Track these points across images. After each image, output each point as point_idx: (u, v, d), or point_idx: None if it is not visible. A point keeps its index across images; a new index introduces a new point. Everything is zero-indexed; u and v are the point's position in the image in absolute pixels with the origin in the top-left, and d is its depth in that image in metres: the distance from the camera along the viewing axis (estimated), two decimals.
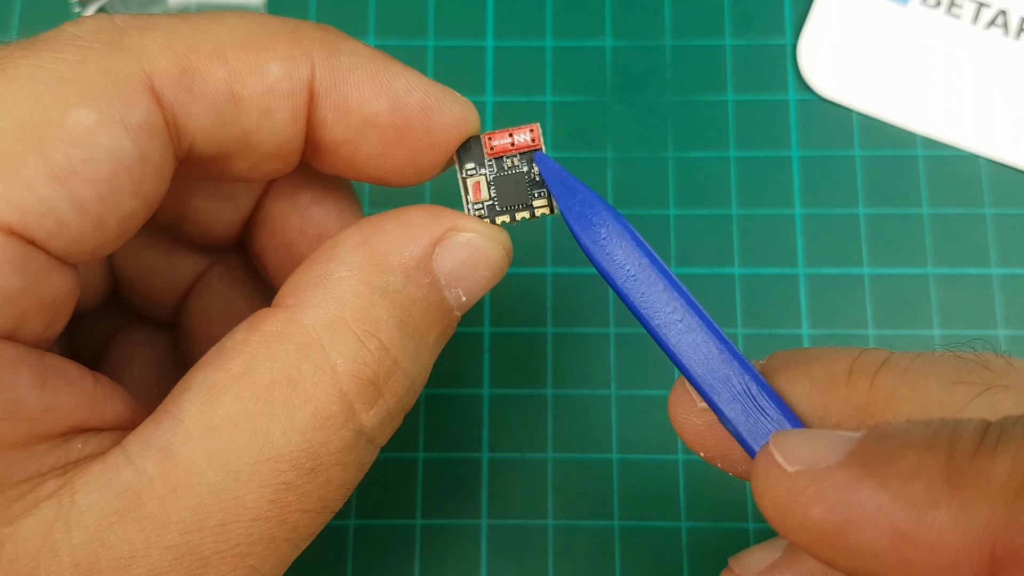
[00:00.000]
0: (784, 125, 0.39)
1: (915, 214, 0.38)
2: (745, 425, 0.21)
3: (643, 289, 0.23)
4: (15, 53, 0.21)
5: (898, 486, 0.16)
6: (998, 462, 0.15)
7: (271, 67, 0.22)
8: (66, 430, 0.21)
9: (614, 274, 0.23)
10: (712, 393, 0.22)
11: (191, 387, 0.21)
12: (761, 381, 0.22)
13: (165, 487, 0.20)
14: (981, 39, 0.40)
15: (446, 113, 0.24)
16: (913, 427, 0.17)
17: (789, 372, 0.22)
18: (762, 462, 0.18)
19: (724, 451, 0.23)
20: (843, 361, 0.21)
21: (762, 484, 0.18)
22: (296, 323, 0.22)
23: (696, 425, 0.23)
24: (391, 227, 0.23)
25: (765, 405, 0.21)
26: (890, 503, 0.16)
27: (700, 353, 0.22)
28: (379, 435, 0.23)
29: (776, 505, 0.17)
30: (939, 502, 0.15)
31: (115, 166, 0.20)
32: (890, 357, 0.21)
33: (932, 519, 0.15)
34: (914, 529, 0.16)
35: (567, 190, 0.24)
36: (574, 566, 0.35)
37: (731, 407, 0.21)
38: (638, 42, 0.40)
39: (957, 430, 0.16)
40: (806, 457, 0.17)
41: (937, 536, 0.15)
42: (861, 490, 0.16)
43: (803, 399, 0.21)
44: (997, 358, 0.20)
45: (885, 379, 0.20)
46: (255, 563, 0.21)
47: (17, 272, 0.20)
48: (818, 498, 0.17)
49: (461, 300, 0.24)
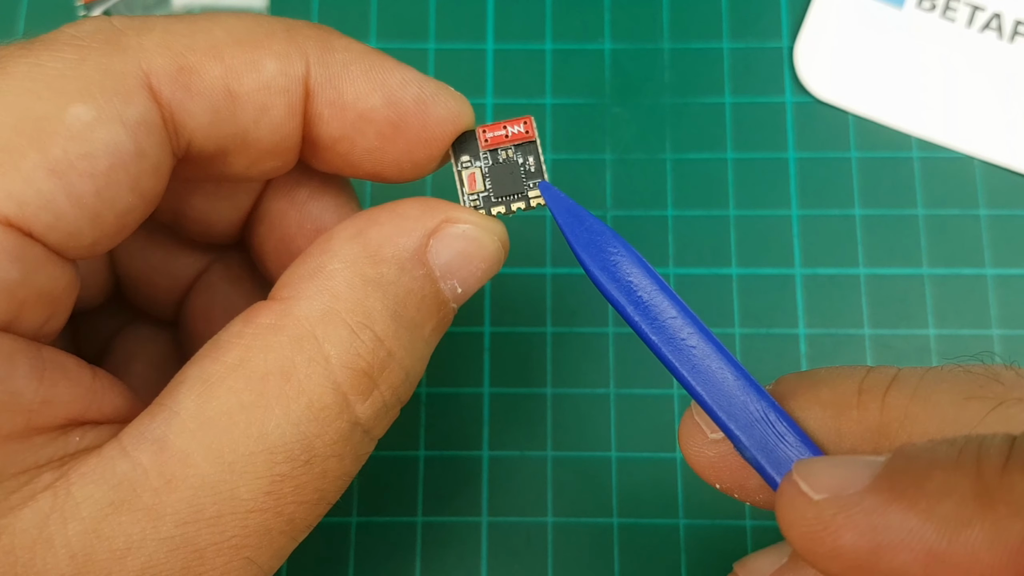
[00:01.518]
0: (781, 127, 0.39)
1: (910, 215, 0.38)
2: (764, 453, 0.21)
3: (655, 316, 0.22)
4: (14, 52, 0.21)
5: (928, 507, 0.16)
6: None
7: (267, 64, 0.22)
8: (64, 423, 0.21)
9: (625, 303, 0.22)
10: (729, 421, 0.21)
11: (186, 380, 0.21)
12: (778, 408, 0.21)
13: (160, 479, 0.20)
14: (976, 42, 0.39)
15: (441, 107, 0.24)
16: (938, 447, 0.17)
17: (799, 398, 0.21)
18: (787, 492, 0.18)
19: (740, 481, 0.22)
20: (851, 382, 0.21)
21: (788, 515, 0.18)
22: (290, 315, 0.22)
23: (709, 457, 0.22)
24: (385, 219, 0.23)
25: (784, 432, 0.21)
26: (922, 525, 0.16)
27: (715, 381, 0.21)
28: (375, 427, 0.23)
29: (804, 535, 0.17)
30: (971, 520, 0.15)
31: (112, 161, 0.20)
32: (899, 374, 0.20)
33: (965, 538, 0.15)
34: (948, 550, 0.15)
35: (574, 219, 0.23)
36: (573, 563, 0.35)
37: (749, 435, 0.21)
38: (637, 45, 0.40)
39: (983, 447, 0.16)
40: (832, 484, 0.17)
41: (971, 555, 0.15)
42: (891, 514, 0.16)
43: (816, 424, 0.21)
44: (1007, 370, 0.19)
45: (896, 398, 0.20)
46: (251, 555, 0.21)
47: (15, 263, 0.20)
48: (848, 525, 0.16)
49: (457, 292, 0.24)
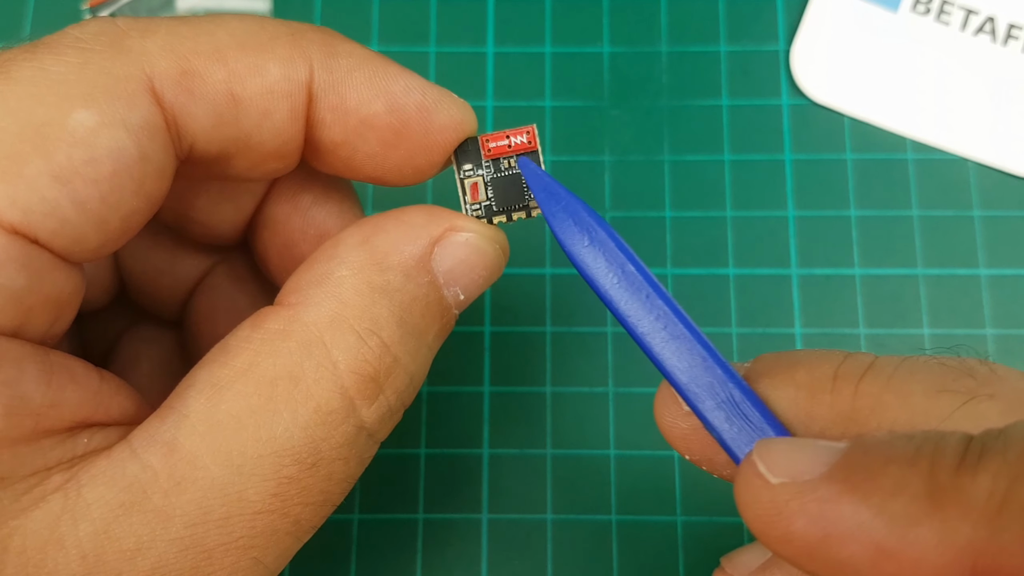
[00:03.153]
0: (777, 129, 0.39)
1: (905, 216, 0.38)
2: (729, 432, 0.21)
3: (627, 296, 0.22)
4: (18, 56, 0.21)
5: (880, 502, 0.16)
6: (979, 480, 0.15)
7: (270, 69, 0.22)
8: (72, 425, 0.21)
9: (599, 281, 0.22)
10: (696, 400, 0.21)
11: (195, 383, 0.21)
12: (745, 388, 0.21)
13: (170, 481, 0.20)
14: (970, 45, 0.39)
15: (443, 114, 0.24)
16: (896, 440, 0.17)
17: (774, 377, 0.21)
18: (745, 472, 0.18)
19: (709, 455, 0.22)
20: (828, 366, 0.20)
21: (745, 496, 0.18)
22: (298, 321, 0.22)
23: (682, 428, 0.22)
24: (391, 227, 0.23)
25: (749, 412, 0.21)
26: (872, 519, 0.16)
27: (684, 360, 0.21)
28: (379, 430, 0.23)
29: (758, 517, 0.17)
30: (921, 519, 0.15)
31: (116, 166, 0.20)
32: (875, 362, 0.20)
33: (914, 536, 0.15)
34: (896, 546, 0.15)
35: (551, 196, 0.23)
36: (573, 559, 0.35)
37: (715, 414, 0.21)
38: (635, 48, 0.40)
39: (939, 445, 0.16)
40: (789, 468, 0.17)
41: (919, 553, 0.15)
42: (843, 505, 0.16)
43: (787, 405, 0.21)
44: (981, 365, 0.19)
45: (870, 386, 0.20)
46: (258, 555, 0.21)
47: (21, 271, 0.20)
48: (800, 511, 0.16)
49: (459, 298, 0.24)
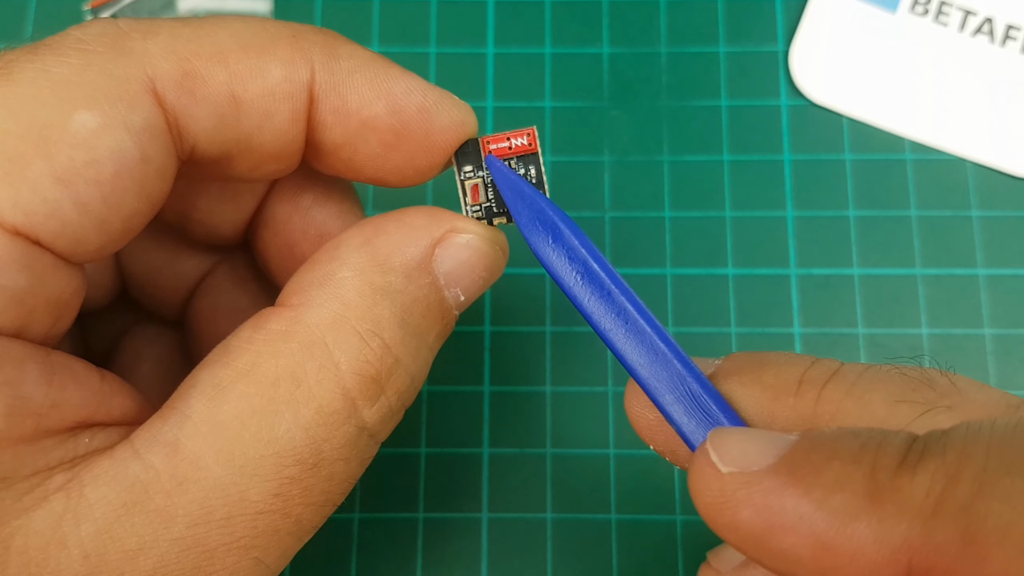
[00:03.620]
0: (776, 130, 0.39)
1: (903, 216, 0.38)
2: (688, 426, 0.21)
3: (589, 292, 0.22)
4: (20, 57, 0.20)
5: (822, 496, 0.16)
6: (917, 480, 0.15)
7: (272, 70, 0.22)
8: (73, 425, 0.21)
9: (562, 277, 0.23)
10: (656, 394, 0.22)
11: (198, 384, 0.21)
12: (704, 382, 0.21)
13: (172, 481, 0.20)
14: (968, 46, 0.39)
15: (444, 116, 0.24)
16: (843, 436, 0.17)
17: (741, 376, 0.22)
18: (698, 460, 0.18)
19: (672, 447, 0.23)
20: (795, 370, 0.21)
21: (697, 483, 0.18)
22: (300, 322, 0.22)
23: (648, 419, 0.23)
24: (392, 228, 0.23)
25: (707, 406, 0.21)
26: (813, 512, 0.16)
27: (645, 356, 0.22)
28: (380, 431, 0.23)
29: (708, 504, 0.18)
30: (859, 515, 0.16)
31: (118, 168, 0.20)
32: (840, 369, 0.20)
33: (852, 531, 0.16)
34: (834, 539, 0.16)
35: (516, 194, 0.24)
36: (572, 558, 0.35)
37: (674, 407, 0.21)
38: (634, 49, 0.40)
39: (883, 444, 0.16)
40: (739, 458, 0.17)
41: (856, 548, 0.15)
42: (787, 497, 0.16)
43: (752, 404, 0.21)
44: (941, 376, 0.20)
45: (832, 392, 0.20)
46: (260, 555, 0.21)
47: (23, 272, 0.20)
48: (747, 501, 0.17)
49: (460, 299, 0.24)
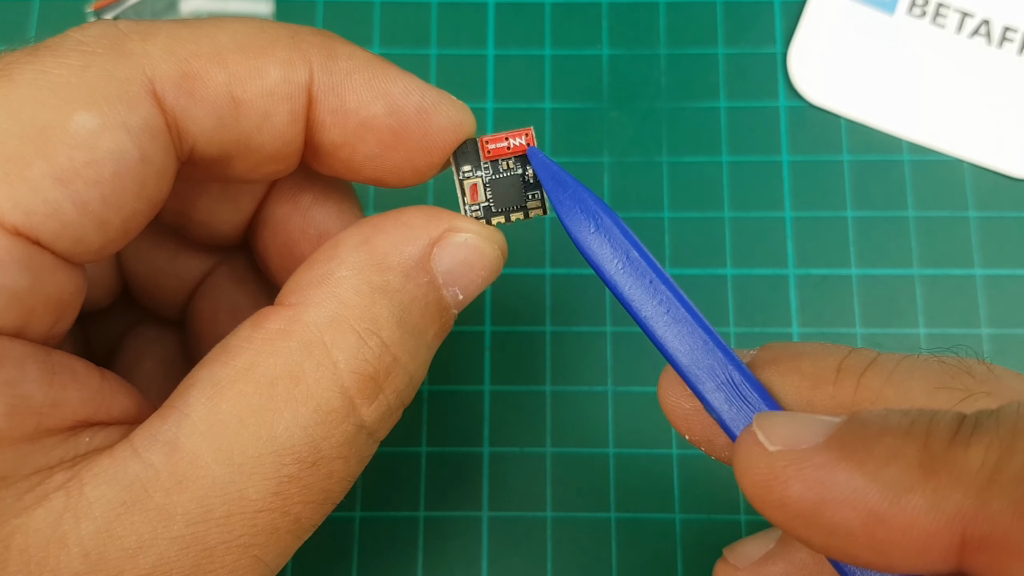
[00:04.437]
0: (775, 131, 0.39)
1: (901, 217, 0.38)
2: (728, 413, 0.21)
3: (631, 281, 0.22)
4: (21, 59, 0.20)
5: (875, 469, 0.16)
6: (972, 452, 0.15)
7: (270, 71, 0.22)
8: (73, 424, 0.21)
9: (604, 266, 0.23)
10: (697, 382, 0.22)
11: (197, 383, 0.21)
12: (745, 371, 0.21)
13: (171, 480, 0.20)
14: (965, 48, 0.39)
15: (442, 116, 0.24)
16: (892, 415, 0.17)
17: (779, 365, 0.22)
18: (745, 441, 0.18)
19: (709, 436, 0.23)
20: (832, 359, 0.21)
21: (743, 462, 0.18)
22: (299, 321, 0.22)
23: (684, 409, 0.23)
24: (391, 227, 0.23)
25: (748, 394, 0.21)
26: (866, 485, 0.16)
27: (685, 343, 0.22)
28: (379, 429, 0.23)
29: (756, 482, 0.17)
30: (913, 487, 0.15)
31: (118, 168, 0.20)
32: (877, 358, 0.20)
33: (906, 502, 0.15)
34: (888, 511, 0.16)
35: (558, 184, 0.24)
36: (572, 556, 0.35)
37: (715, 396, 0.21)
38: (634, 51, 0.40)
39: (934, 420, 0.16)
40: (787, 438, 0.17)
41: (910, 519, 0.15)
42: (839, 471, 0.16)
43: (790, 392, 0.21)
44: (979, 364, 0.20)
45: (871, 380, 0.20)
46: (259, 553, 0.21)
47: (23, 272, 0.20)
48: (797, 477, 0.17)
49: (458, 298, 0.24)
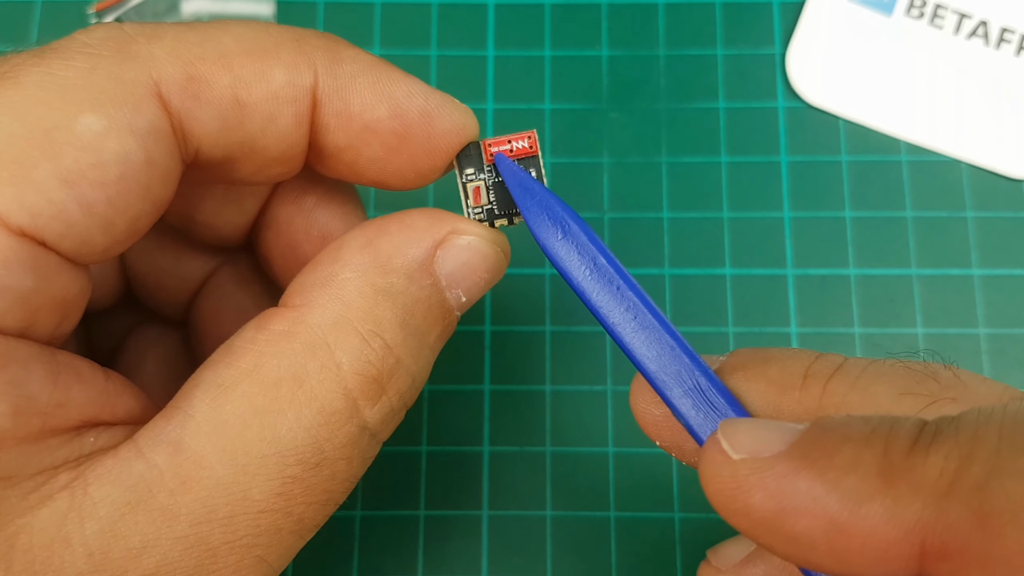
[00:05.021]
0: (773, 131, 0.39)
1: (899, 217, 0.38)
2: (695, 419, 0.21)
3: (598, 288, 0.22)
4: (27, 61, 0.20)
5: (835, 478, 0.16)
6: (930, 461, 0.15)
7: (275, 74, 0.22)
8: (78, 424, 0.21)
9: (571, 273, 0.23)
10: (664, 388, 0.22)
11: (201, 384, 0.21)
12: (712, 377, 0.21)
13: (175, 480, 0.20)
14: (963, 49, 0.39)
15: (446, 119, 0.24)
16: (853, 422, 0.17)
17: (747, 371, 0.22)
18: (709, 449, 0.18)
19: (679, 442, 0.23)
20: (799, 364, 0.21)
21: (708, 470, 0.18)
22: (303, 323, 0.22)
23: (654, 415, 0.23)
24: (394, 230, 0.23)
25: (715, 400, 0.21)
26: (826, 494, 0.16)
27: (653, 349, 0.22)
28: (382, 431, 0.23)
29: (720, 490, 0.18)
30: (873, 496, 0.16)
31: (123, 170, 0.20)
32: (844, 364, 0.20)
33: (866, 511, 0.15)
34: (848, 520, 0.16)
35: (525, 191, 0.24)
36: (571, 555, 0.35)
37: (682, 401, 0.21)
38: (633, 52, 0.40)
39: (894, 428, 0.16)
40: (751, 446, 0.17)
41: (870, 528, 0.15)
42: (800, 480, 0.16)
43: (757, 398, 0.21)
44: (945, 370, 0.20)
45: (837, 385, 0.20)
46: (262, 553, 0.21)
47: (29, 272, 0.20)
48: (759, 486, 0.17)
49: (461, 300, 0.24)
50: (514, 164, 0.24)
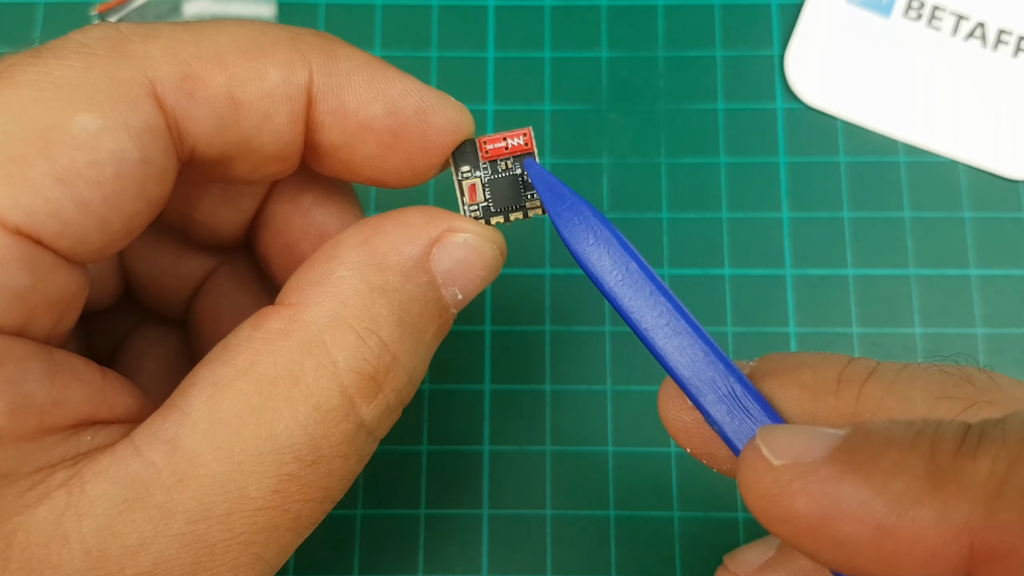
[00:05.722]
0: (772, 132, 0.39)
1: (897, 217, 0.38)
2: (730, 426, 0.21)
3: (631, 293, 0.22)
4: (23, 60, 0.20)
5: (881, 482, 0.16)
6: (979, 463, 0.15)
7: (270, 73, 0.22)
8: (75, 423, 0.21)
9: (603, 279, 0.22)
10: (698, 395, 0.21)
11: (197, 382, 0.21)
12: (746, 383, 0.21)
13: (172, 478, 0.20)
14: (960, 50, 0.39)
15: (441, 117, 0.24)
16: (897, 426, 0.17)
17: (779, 377, 0.21)
18: (749, 455, 0.18)
19: (711, 449, 0.22)
20: (832, 369, 0.21)
21: (748, 476, 0.18)
22: (299, 321, 0.22)
23: (685, 422, 0.22)
24: (390, 228, 0.23)
25: (750, 406, 0.21)
26: (873, 498, 0.16)
27: (686, 356, 0.21)
28: (378, 428, 0.23)
29: (761, 497, 0.17)
30: (921, 499, 0.15)
31: (119, 169, 0.20)
32: (878, 368, 0.20)
33: (913, 515, 0.15)
34: (895, 524, 0.15)
35: (556, 196, 0.23)
36: (571, 554, 0.35)
37: (717, 408, 0.21)
38: (633, 53, 0.40)
39: (939, 431, 0.16)
40: (792, 451, 0.17)
41: (918, 531, 0.15)
42: (845, 485, 0.16)
43: (791, 404, 0.21)
44: (980, 373, 0.19)
45: (872, 390, 0.20)
46: (259, 550, 0.21)
47: (25, 271, 0.19)
48: (803, 491, 0.16)
49: (458, 298, 0.24)
50: (544, 170, 0.24)
